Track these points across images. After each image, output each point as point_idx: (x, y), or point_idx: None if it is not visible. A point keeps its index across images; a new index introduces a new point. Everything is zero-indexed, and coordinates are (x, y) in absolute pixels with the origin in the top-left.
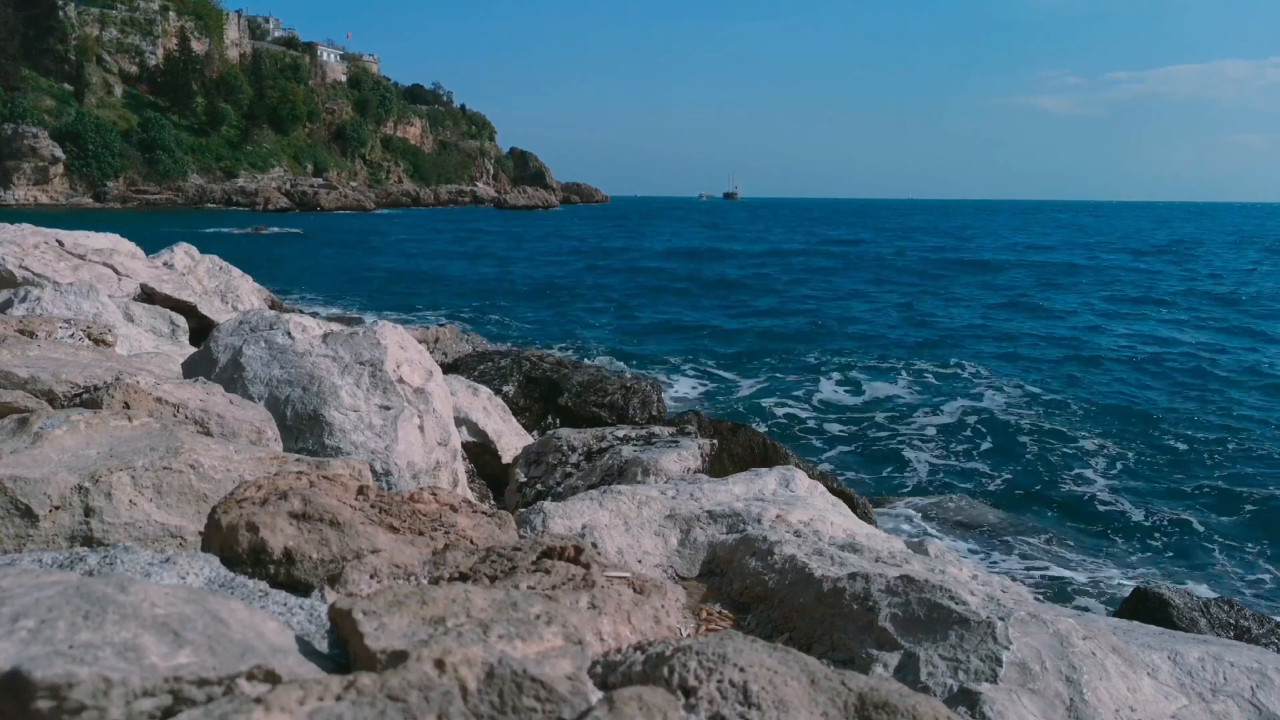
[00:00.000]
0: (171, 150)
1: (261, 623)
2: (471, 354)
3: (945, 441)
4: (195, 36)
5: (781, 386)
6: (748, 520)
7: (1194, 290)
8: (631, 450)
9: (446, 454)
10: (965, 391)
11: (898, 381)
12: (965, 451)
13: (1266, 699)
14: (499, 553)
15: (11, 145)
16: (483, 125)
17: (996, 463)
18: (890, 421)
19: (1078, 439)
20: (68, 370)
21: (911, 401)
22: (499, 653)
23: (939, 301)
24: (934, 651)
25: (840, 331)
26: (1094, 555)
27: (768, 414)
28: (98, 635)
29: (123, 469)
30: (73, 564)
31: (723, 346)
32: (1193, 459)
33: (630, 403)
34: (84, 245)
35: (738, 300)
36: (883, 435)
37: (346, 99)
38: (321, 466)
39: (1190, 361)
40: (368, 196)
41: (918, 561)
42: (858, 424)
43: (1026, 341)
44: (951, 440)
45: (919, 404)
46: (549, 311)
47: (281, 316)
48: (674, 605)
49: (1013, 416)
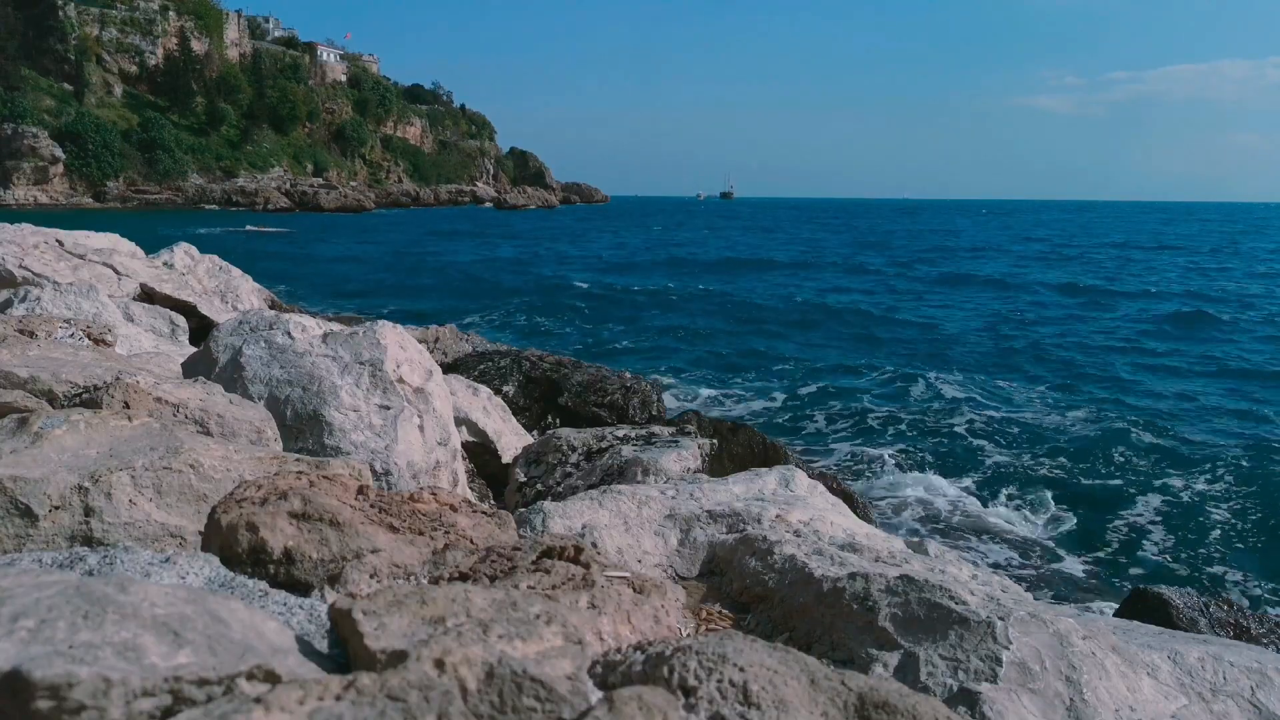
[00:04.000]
0: (171, 150)
1: (261, 623)
2: (471, 354)
3: (944, 441)
4: (195, 36)
5: (767, 387)
6: (748, 520)
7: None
8: (631, 450)
9: (446, 454)
10: (963, 391)
11: (894, 382)
12: (965, 451)
13: (1266, 699)
14: (499, 552)
15: (11, 145)
16: (483, 125)
17: (996, 462)
18: (891, 421)
19: (1078, 439)
20: (68, 370)
21: (911, 401)
22: (499, 652)
23: (915, 302)
24: (934, 651)
25: (835, 331)
26: (1094, 555)
27: (766, 413)
28: (98, 635)
29: (123, 469)
30: (73, 564)
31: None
32: (1192, 459)
33: (630, 403)
34: (84, 245)
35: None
36: (883, 435)
37: (346, 99)
38: (321, 466)
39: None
40: (368, 196)
41: (918, 561)
42: (858, 424)
43: (1026, 353)
44: (951, 440)
45: (919, 404)
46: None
47: (281, 316)
48: (674, 605)
49: (1013, 417)
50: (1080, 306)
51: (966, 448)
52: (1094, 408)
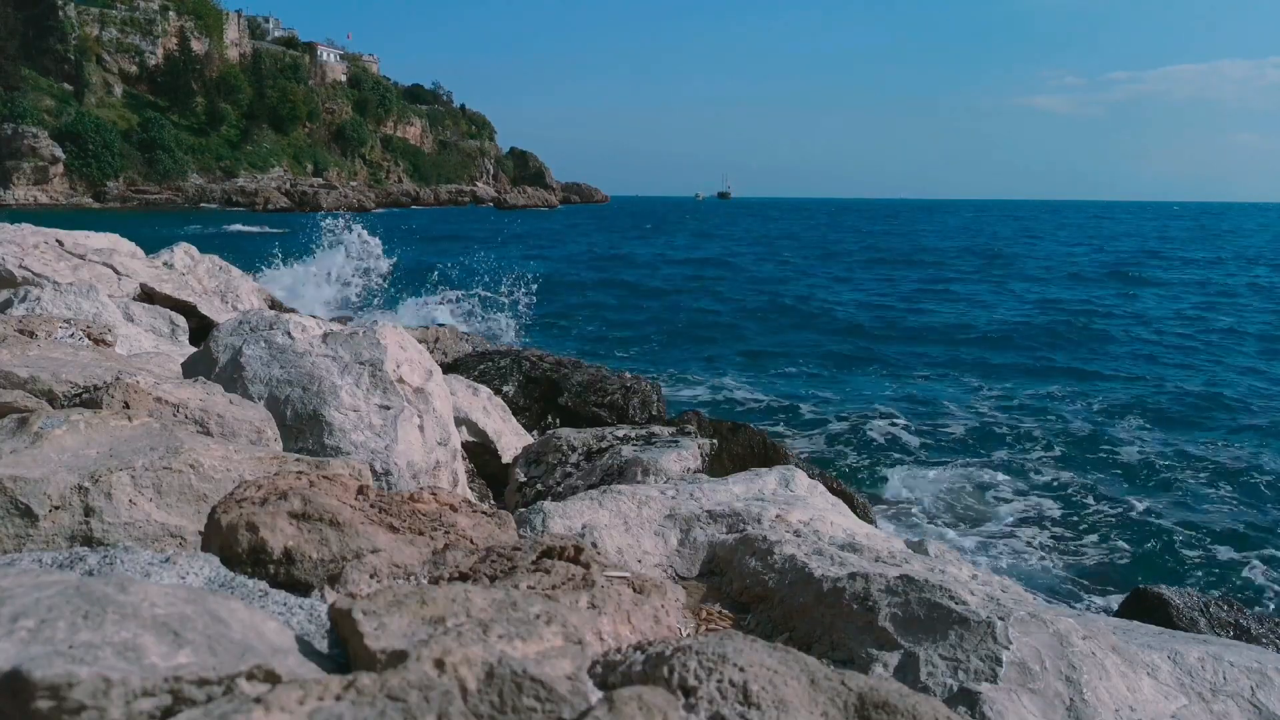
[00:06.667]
0: (171, 150)
1: (261, 622)
2: (471, 354)
3: (943, 440)
4: (195, 36)
5: (766, 386)
6: (748, 520)
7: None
8: (631, 450)
9: (446, 454)
10: (961, 392)
11: (890, 382)
12: (965, 451)
13: (1266, 699)
14: (499, 552)
15: (11, 145)
16: (483, 125)
17: (996, 462)
18: (890, 422)
19: (1078, 439)
20: (67, 370)
21: (911, 401)
22: (499, 652)
23: (918, 301)
24: (934, 651)
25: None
26: (1094, 555)
27: (766, 414)
28: (98, 635)
29: (123, 469)
30: (73, 564)
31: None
32: (1192, 458)
33: (630, 403)
34: (84, 245)
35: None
36: (883, 435)
37: (346, 99)
38: (321, 466)
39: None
40: (368, 196)
41: (918, 561)
42: (859, 424)
43: (1031, 348)
44: (950, 440)
45: (917, 405)
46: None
47: (281, 316)
48: (674, 605)
49: (1013, 417)
50: (1110, 297)
51: (966, 447)
52: (1094, 409)
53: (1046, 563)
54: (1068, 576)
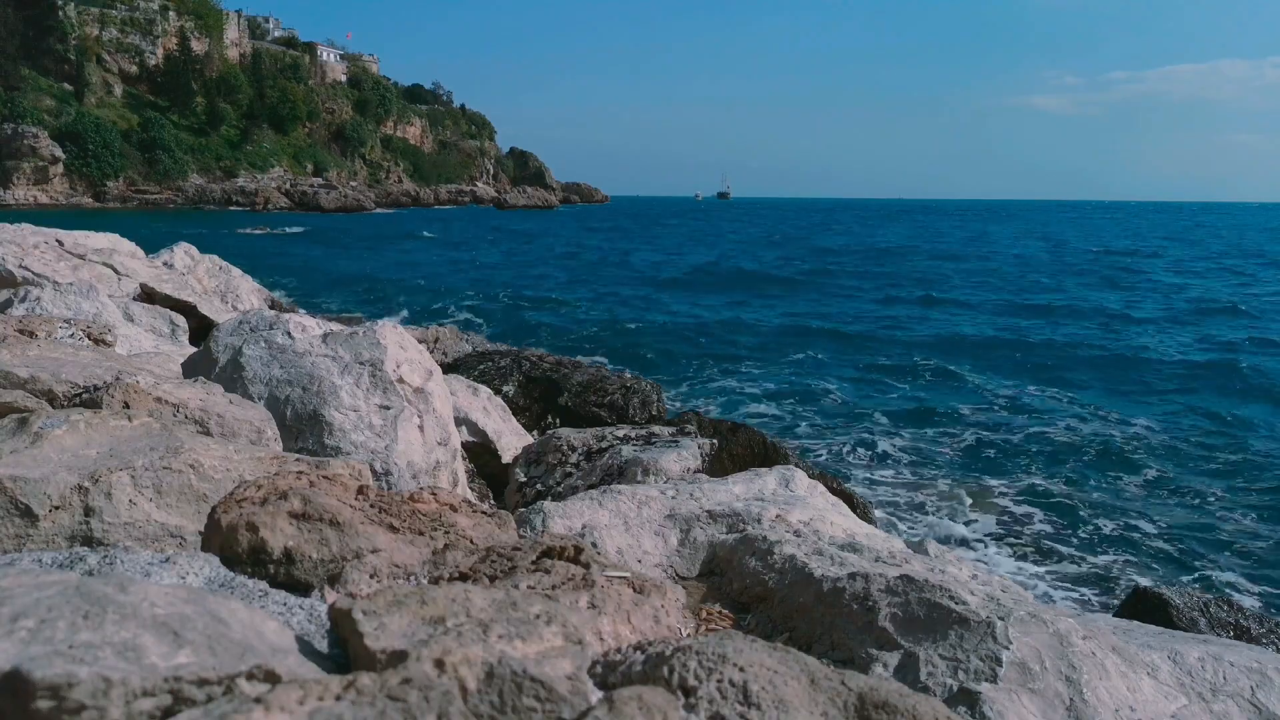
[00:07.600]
0: (171, 150)
1: (261, 623)
2: (471, 354)
3: (943, 441)
4: (195, 36)
5: (764, 387)
6: (748, 520)
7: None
8: (631, 450)
9: (446, 454)
10: (960, 393)
11: (891, 383)
12: (965, 451)
13: (1266, 699)
14: (499, 553)
15: (11, 145)
16: (483, 125)
17: (996, 462)
18: (890, 422)
19: (1079, 439)
20: (68, 370)
21: (911, 402)
22: (499, 653)
23: (918, 307)
24: (934, 651)
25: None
26: (1094, 555)
27: (766, 414)
28: (98, 635)
29: (123, 469)
30: (73, 564)
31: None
32: (1191, 458)
33: (630, 403)
34: (84, 245)
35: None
36: (883, 435)
37: (346, 99)
38: (321, 466)
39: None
40: (368, 196)
41: (918, 561)
42: (859, 424)
43: (1036, 347)
44: (950, 440)
45: (918, 404)
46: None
47: (281, 316)
48: (674, 605)
49: (1011, 418)
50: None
51: (966, 447)
52: (1095, 409)
53: (1047, 563)
54: (1068, 576)
